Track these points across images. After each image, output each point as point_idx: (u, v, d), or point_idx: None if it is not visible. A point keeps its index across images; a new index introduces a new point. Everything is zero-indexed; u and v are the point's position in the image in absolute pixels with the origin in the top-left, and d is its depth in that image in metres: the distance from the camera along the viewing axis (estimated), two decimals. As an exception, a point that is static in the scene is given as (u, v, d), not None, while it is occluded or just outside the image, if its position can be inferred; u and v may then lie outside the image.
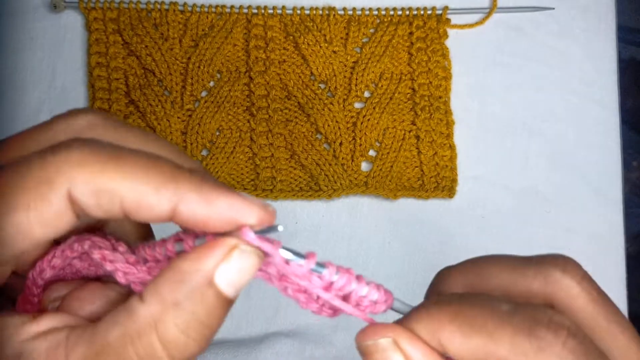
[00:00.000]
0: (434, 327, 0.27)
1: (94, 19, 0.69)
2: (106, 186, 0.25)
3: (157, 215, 0.26)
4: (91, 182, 0.25)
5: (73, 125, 0.29)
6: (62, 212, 0.25)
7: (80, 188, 0.25)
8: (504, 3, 0.73)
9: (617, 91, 0.73)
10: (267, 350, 0.62)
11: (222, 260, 0.26)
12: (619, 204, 0.71)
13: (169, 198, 0.25)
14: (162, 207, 0.25)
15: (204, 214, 0.26)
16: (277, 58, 0.70)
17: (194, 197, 0.25)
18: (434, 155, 0.69)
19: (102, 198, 0.25)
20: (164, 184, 0.25)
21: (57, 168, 0.24)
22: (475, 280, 0.31)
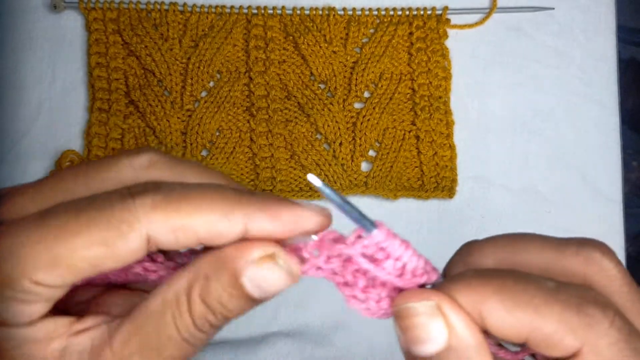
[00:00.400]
0: (475, 298, 0.27)
1: (93, 19, 0.69)
2: (182, 224, 0.28)
3: (231, 239, 0.29)
4: (167, 222, 0.27)
5: (135, 163, 0.31)
6: (136, 250, 0.28)
7: (159, 228, 0.27)
8: (504, 3, 0.73)
9: (617, 91, 0.73)
10: (267, 349, 0.62)
11: (253, 263, 0.28)
12: (619, 204, 0.71)
13: (239, 222, 0.28)
14: (234, 231, 0.28)
15: (272, 229, 0.29)
16: (277, 58, 0.70)
17: (261, 216, 0.28)
18: (433, 156, 0.69)
19: (179, 234, 0.28)
20: (232, 210, 0.28)
21: (137, 212, 0.27)
22: (510, 257, 0.30)
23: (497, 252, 0.31)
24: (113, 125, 0.67)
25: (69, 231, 0.27)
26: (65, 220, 0.27)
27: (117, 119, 0.68)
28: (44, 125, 0.68)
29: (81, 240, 0.27)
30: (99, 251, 0.27)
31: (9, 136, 0.68)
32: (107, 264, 0.28)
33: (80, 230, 0.27)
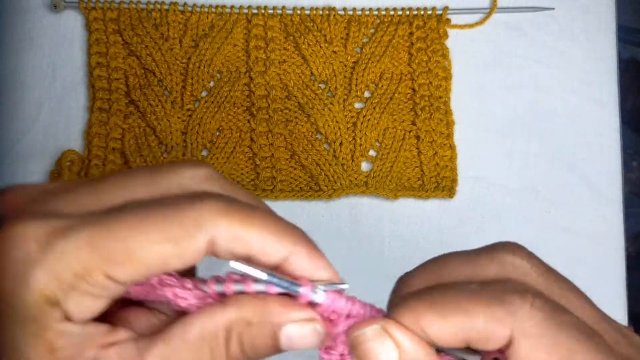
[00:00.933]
0: (414, 316, 0.30)
1: (94, 19, 0.69)
2: (242, 235, 0.29)
3: (272, 261, 0.30)
4: (231, 230, 0.29)
5: (195, 174, 0.32)
6: (200, 251, 0.29)
7: (222, 234, 0.29)
8: (504, 3, 0.73)
9: (617, 91, 0.73)
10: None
11: (296, 323, 0.30)
12: (619, 204, 0.71)
13: (287, 248, 0.30)
14: (280, 255, 0.30)
15: (306, 269, 0.31)
16: (277, 58, 0.70)
17: (304, 251, 0.31)
18: (434, 155, 0.69)
19: (237, 244, 0.29)
20: (284, 236, 0.30)
21: (205, 215, 0.29)
22: (436, 277, 0.33)
23: (425, 276, 0.33)
24: (113, 125, 0.68)
25: (143, 228, 0.28)
26: (139, 218, 0.28)
27: (117, 119, 0.68)
28: (44, 125, 0.68)
29: (154, 237, 0.28)
30: (168, 248, 0.28)
31: (9, 136, 0.68)
32: (173, 262, 0.29)
33: (153, 228, 0.28)
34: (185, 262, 0.29)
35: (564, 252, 0.70)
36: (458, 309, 0.29)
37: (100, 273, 0.28)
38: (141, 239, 0.28)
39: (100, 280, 0.28)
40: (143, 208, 0.29)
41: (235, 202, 0.30)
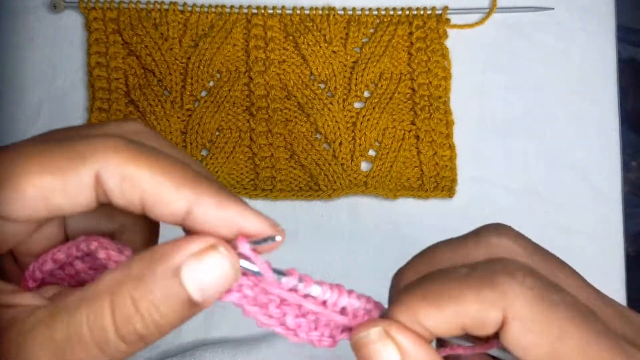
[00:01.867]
0: (411, 312, 0.29)
1: (93, 18, 0.69)
2: (132, 174, 0.27)
3: (172, 213, 0.27)
4: (119, 167, 0.26)
5: (123, 127, 0.31)
6: (85, 188, 0.27)
7: (109, 170, 0.26)
8: (504, 3, 0.73)
9: (617, 91, 0.73)
10: (267, 349, 0.62)
11: (193, 256, 0.26)
12: (619, 204, 0.71)
13: (187, 197, 0.27)
14: (180, 205, 0.27)
15: (215, 218, 0.27)
16: (277, 58, 0.70)
17: (210, 201, 0.27)
18: (433, 155, 0.69)
19: (126, 185, 0.27)
20: (184, 184, 0.27)
21: (94, 148, 0.27)
22: (427, 267, 0.32)
23: (418, 268, 0.33)
24: (113, 125, 0.67)
25: (24, 157, 0.27)
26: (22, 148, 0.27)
27: (117, 119, 0.68)
28: (44, 125, 0.68)
29: (33, 167, 0.26)
30: (47, 179, 0.26)
31: (9, 136, 0.68)
32: (56, 198, 0.27)
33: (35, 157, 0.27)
34: (71, 200, 0.27)
35: (564, 252, 0.69)
36: (450, 297, 0.28)
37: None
38: (22, 169, 0.26)
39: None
40: (36, 142, 0.27)
41: (139, 144, 0.28)
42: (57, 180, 0.26)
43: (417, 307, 0.28)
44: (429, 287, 0.29)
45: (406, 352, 0.29)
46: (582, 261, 0.69)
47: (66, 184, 0.27)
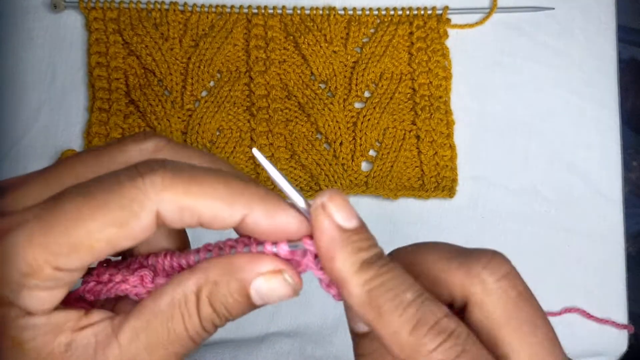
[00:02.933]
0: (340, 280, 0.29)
1: (94, 18, 0.69)
2: (189, 204, 0.29)
3: (228, 225, 0.30)
4: (176, 201, 0.28)
5: (143, 147, 0.32)
6: (148, 227, 0.29)
7: (167, 206, 0.28)
8: (504, 3, 0.73)
9: (617, 91, 0.73)
10: (268, 349, 0.62)
11: (262, 276, 0.30)
12: (619, 204, 0.71)
13: (240, 211, 0.29)
14: (234, 219, 0.29)
15: (265, 226, 0.30)
16: (278, 58, 0.70)
17: (260, 210, 0.30)
18: (434, 155, 0.69)
19: (185, 214, 0.29)
20: (236, 199, 0.29)
21: (147, 191, 0.28)
22: (412, 262, 0.32)
23: (405, 258, 0.32)
24: (113, 125, 0.67)
25: (84, 214, 0.28)
26: (78, 204, 0.28)
27: (117, 119, 0.68)
28: (44, 125, 0.68)
29: (97, 223, 0.28)
30: (113, 232, 0.28)
31: (9, 136, 0.67)
32: (122, 243, 0.29)
33: (95, 213, 0.28)
34: (136, 240, 0.29)
35: (564, 252, 0.70)
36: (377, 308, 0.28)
37: (47, 267, 0.28)
38: (84, 226, 0.28)
39: (49, 273, 0.28)
40: (83, 193, 0.28)
41: (180, 169, 0.29)
42: (121, 230, 0.28)
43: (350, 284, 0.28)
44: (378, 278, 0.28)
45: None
46: (582, 261, 0.70)
47: (130, 231, 0.28)
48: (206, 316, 0.30)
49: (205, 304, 0.30)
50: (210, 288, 0.30)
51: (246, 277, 0.30)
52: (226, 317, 0.31)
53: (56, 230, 0.28)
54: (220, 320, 0.31)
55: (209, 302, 0.30)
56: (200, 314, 0.30)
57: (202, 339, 0.31)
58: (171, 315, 0.30)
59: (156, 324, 0.30)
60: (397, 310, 0.27)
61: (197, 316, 0.30)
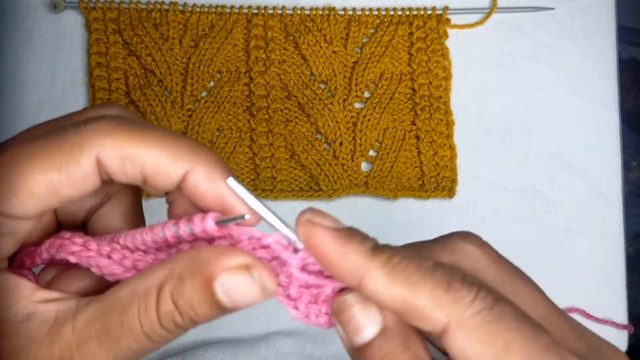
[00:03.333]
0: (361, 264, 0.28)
1: (94, 19, 0.69)
2: (130, 153, 0.28)
3: (170, 183, 0.29)
4: (118, 148, 0.28)
5: (104, 111, 0.32)
6: (89, 174, 0.28)
7: (108, 153, 0.28)
8: (504, 3, 0.73)
9: (617, 91, 0.73)
10: (268, 348, 0.62)
11: (228, 271, 0.28)
12: (619, 204, 0.71)
13: (183, 167, 0.29)
14: (176, 174, 0.29)
15: (204, 189, 0.29)
16: (277, 58, 0.70)
17: (203, 171, 0.29)
18: (434, 155, 0.69)
19: (126, 163, 0.29)
20: (180, 154, 0.29)
21: (89, 136, 0.28)
22: None
23: None
24: (113, 125, 0.67)
25: (23, 158, 0.28)
26: (19, 149, 0.28)
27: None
28: (44, 125, 0.68)
29: (35, 166, 0.28)
30: (53, 175, 0.28)
31: (9, 136, 0.67)
32: (64, 190, 0.28)
33: (34, 156, 0.28)
34: (79, 188, 0.29)
35: (564, 252, 0.70)
36: (407, 280, 0.28)
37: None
38: (23, 170, 0.27)
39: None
40: (26, 140, 0.28)
41: (126, 121, 0.29)
42: (62, 174, 0.28)
43: (370, 266, 0.28)
44: (394, 259, 0.28)
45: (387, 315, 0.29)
46: (582, 261, 0.70)
47: (71, 175, 0.28)
48: (166, 313, 0.29)
49: (167, 300, 0.28)
50: (175, 283, 0.28)
51: (212, 271, 0.28)
52: (190, 317, 0.29)
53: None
54: (183, 319, 0.29)
55: (171, 298, 0.28)
56: (159, 309, 0.28)
57: (160, 338, 0.29)
58: (128, 307, 0.29)
59: (111, 314, 0.29)
60: (427, 275, 0.28)
61: (155, 312, 0.29)
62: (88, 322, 0.29)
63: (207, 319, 0.29)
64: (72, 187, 0.28)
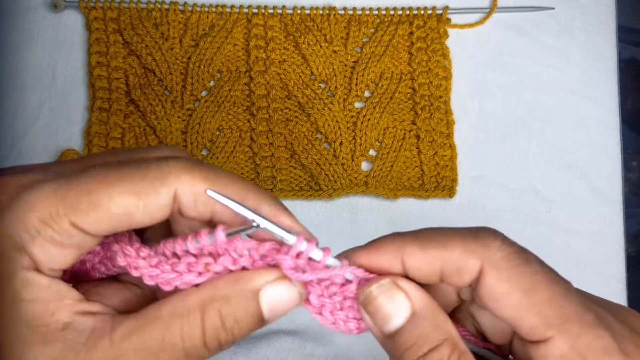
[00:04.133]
0: (397, 247, 0.33)
1: (94, 18, 0.69)
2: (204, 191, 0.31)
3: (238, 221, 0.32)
4: (194, 186, 0.31)
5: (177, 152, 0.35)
6: (164, 205, 0.31)
7: (185, 189, 0.31)
8: (504, 3, 0.73)
9: (617, 91, 0.73)
10: (268, 346, 0.62)
11: (270, 283, 0.32)
12: (619, 204, 0.71)
13: (250, 205, 0.31)
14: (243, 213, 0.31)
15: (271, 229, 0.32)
16: (278, 58, 0.70)
17: (267, 212, 0.32)
18: (434, 155, 0.69)
19: (200, 200, 0.31)
20: (247, 195, 0.32)
21: (171, 171, 0.31)
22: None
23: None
24: (113, 124, 0.68)
25: (108, 181, 0.30)
26: (105, 172, 0.30)
27: (117, 118, 0.68)
28: (44, 125, 0.68)
29: (118, 189, 0.30)
30: (132, 200, 0.30)
31: (9, 135, 0.68)
32: (138, 216, 0.30)
33: (118, 181, 0.30)
34: (151, 216, 0.31)
35: (564, 252, 0.70)
36: (437, 242, 0.32)
37: (65, 220, 0.29)
38: (106, 190, 0.30)
39: (65, 227, 0.30)
40: (111, 166, 0.31)
41: (201, 163, 0.32)
42: (140, 201, 0.30)
43: (404, 244, 0.33)
44: (420, 233, 0.33)
45: (415, 298, 0.32)
46: (582, 261, 0.70)
47: (148, 204, 0.30)
48: (211, 331, 0.31)
49: (213, 317, 0.31)
50: (221, 304, 0.31)
51: (256, 286, 0.31)
52: (234, 334, 0.31)
53: (80, 188, 0.30)
54: (226, 335, 0.31)
55: (219, 314, 0.31)
56: (205, 327, 0.31)
57: (197, 357, 0.31)
58: (170, 324, 0.30)
59: (151, 329, 0.30)
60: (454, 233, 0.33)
61: (200, 329, 0.30)
62: (125, 336, 0.30)
63: (245, 335, 0.32)
64: (146, 214, 0.30)
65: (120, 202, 0.30)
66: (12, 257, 0.29)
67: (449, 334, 0.32)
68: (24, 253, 0.29)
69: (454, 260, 0.31)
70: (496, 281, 0.31)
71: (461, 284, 0.32)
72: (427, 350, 0.31)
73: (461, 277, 0.32)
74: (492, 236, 0.32)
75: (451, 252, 0.32)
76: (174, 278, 0.32)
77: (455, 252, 0.31)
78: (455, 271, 0.32)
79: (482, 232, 0.32)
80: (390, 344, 0.32)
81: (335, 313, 0.33)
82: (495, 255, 0.31)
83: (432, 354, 0.31)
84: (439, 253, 0.32)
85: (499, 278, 0.31)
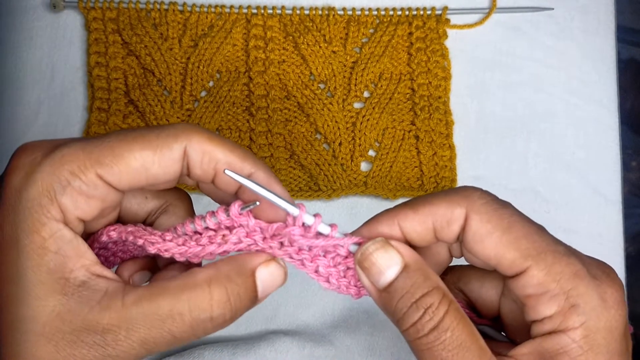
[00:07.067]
0: (393, 214, 0.38)
1: (93, 18, 0.69)
2: (209, 149, 0.36)
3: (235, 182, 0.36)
4: (201, 144, 0.36)
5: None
6: (176, 160, 0.35)
7: (193, 146, 0.35)
8: (503, 3, 0.73)
9: (617, 91, 0.73)
10: (267, 347, 0.62)
11: (263, 264, 0.37)
12: (619, 204, 0.71)
13: (248, 169, 0.36)
14: (244, 173, 0.36)
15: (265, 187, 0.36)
16: (277, 58, 0.70)
17: (263, 176, 0.36)
18: (433, 155, 0.69)
19: (205, 158, 0.36)
20: (247, 158, 0.36)
21: (182, 130, 0.36)
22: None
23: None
24: (112, 124, 0.67)
25: (128, 140, 0.35)
26: (125, 133, 0.35)
27: (116, 119, 0.68)
28: (43, 125, 0.68)
29: (136, 146, 0.34)
30: (149, 155, 0.35)
31: (8, 135, 0.68)
32: (154, 169, 0.35)
33: (136, 139, 0.35)
34: (164, 171, 0.35)
35: (564, 252, 0.70)
36: (426, 202, 0.37)
37: (92, 171, 0.34)
38: (126, 147, 0.34)
39: (92, 178, 0.34)
40: (130, 130, 0.36)
41: (208, 130, 0.37)
42: (155, 155, 0.35)
43: (398, 211, 0.38)
44: (411, 200, 0.38)
45: (406, 253, 0.37)
46: (581, 261, 0.70)
47: (162, 157, 0.35)
48: (218, 302, 0.34)
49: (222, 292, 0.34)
50: (226, 280, 0.35)
51: (252, 266, 0.36)
52: (236, 310, 0.35)
53: (104, 145, 0.34)
54: (230, 311, 0.35)
55: (226, 291, 0.34)
56: (213, 299, 0.34)
57: (201, 330, 0.34)
58: (179, 295, 0.34)
59: (161, 298, 0.34)
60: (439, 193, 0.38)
61: (208, 302, 0.34)
62: (136, 301, 0.33)
63: (243, 312, 0.36)
64: (161, 167, 0.35)
65: (139, 156, 0.34)
66: (44, 206, 0.33)
67: (438, 284, 0.36)
68: (55, 203, 0.33)
69: (443, 214, 0.37)
70: (479, 224, 0.36)
71: (452, 235, 0.37)
72: (420, 295, 0.35)
73: (451, 228, 0.37)
74: (472, 189, 0.37)
75: (439, 208, 0.37)
76: (200, 251, 0.36)
77: (442, 207, 0.37)
78: (445, 223, 0.37)
79: (463, 187, 0.38)
80: (385, 297, 0.36)
81: (340, 280, 0.39)
82: (476, 203, 0.36)
83: (425, 299, 0.35)
84: (429, 210, 0.37)
85: (481, 220, 0.36)
